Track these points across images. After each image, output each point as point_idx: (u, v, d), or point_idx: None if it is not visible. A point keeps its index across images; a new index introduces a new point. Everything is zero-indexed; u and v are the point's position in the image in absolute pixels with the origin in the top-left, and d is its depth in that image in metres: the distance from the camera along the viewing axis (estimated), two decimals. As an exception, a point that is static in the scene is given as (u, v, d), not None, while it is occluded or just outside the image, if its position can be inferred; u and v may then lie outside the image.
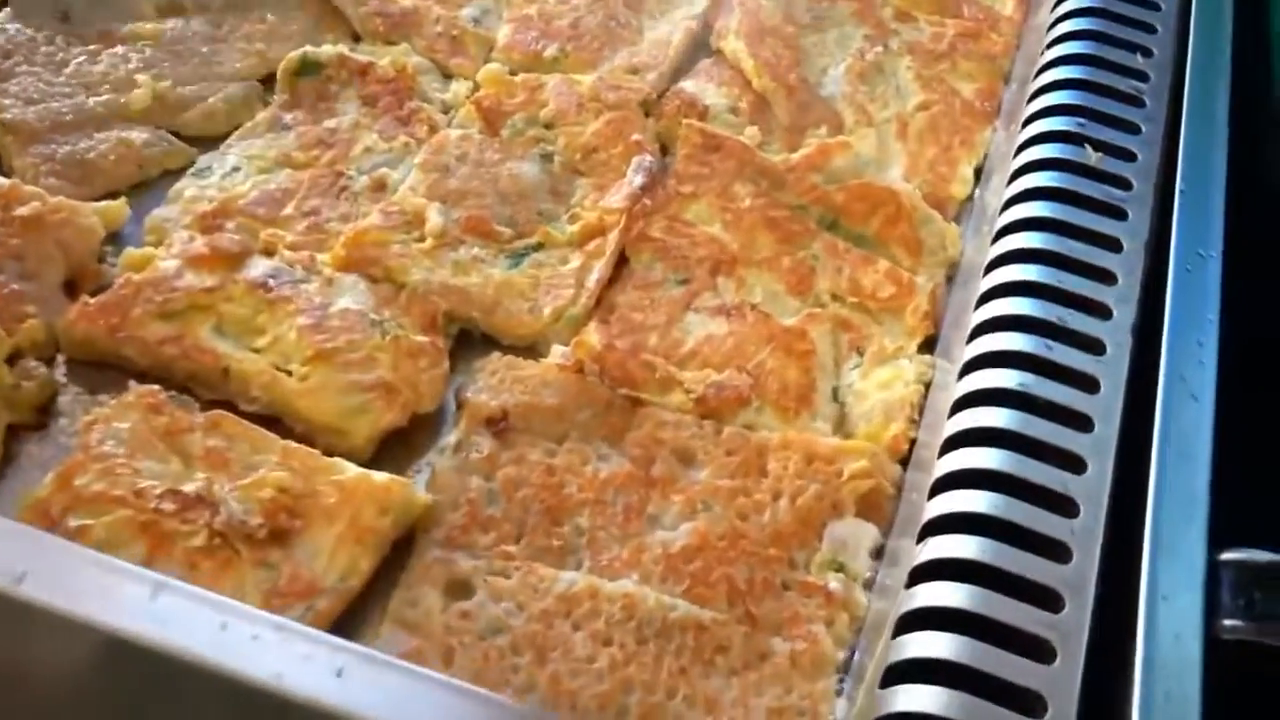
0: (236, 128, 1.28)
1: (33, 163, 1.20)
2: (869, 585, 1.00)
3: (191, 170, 1.24)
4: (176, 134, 1.27)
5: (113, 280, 1.13)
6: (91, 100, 1.24)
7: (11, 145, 1.21)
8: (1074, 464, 0.94)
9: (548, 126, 1.32)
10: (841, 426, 1.13)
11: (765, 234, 1.26)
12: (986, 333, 1.05)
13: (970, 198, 1.34)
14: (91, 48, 1.28)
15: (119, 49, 1.29)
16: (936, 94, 1.43)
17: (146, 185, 1.24)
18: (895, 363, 1.16)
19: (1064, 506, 0.92)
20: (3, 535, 0.78)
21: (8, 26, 1.29)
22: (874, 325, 1.21)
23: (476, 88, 1.36)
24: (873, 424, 1.11)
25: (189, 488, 0.98)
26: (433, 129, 1.29)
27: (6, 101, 1.23)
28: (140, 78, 1.26)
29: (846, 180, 1.31)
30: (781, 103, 1.38)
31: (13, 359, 1.07)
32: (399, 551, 1.00)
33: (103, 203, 1.18)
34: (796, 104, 1.39)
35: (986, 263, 1.12)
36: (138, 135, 1.24)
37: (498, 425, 1.08)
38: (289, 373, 1.06)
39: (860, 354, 1.18)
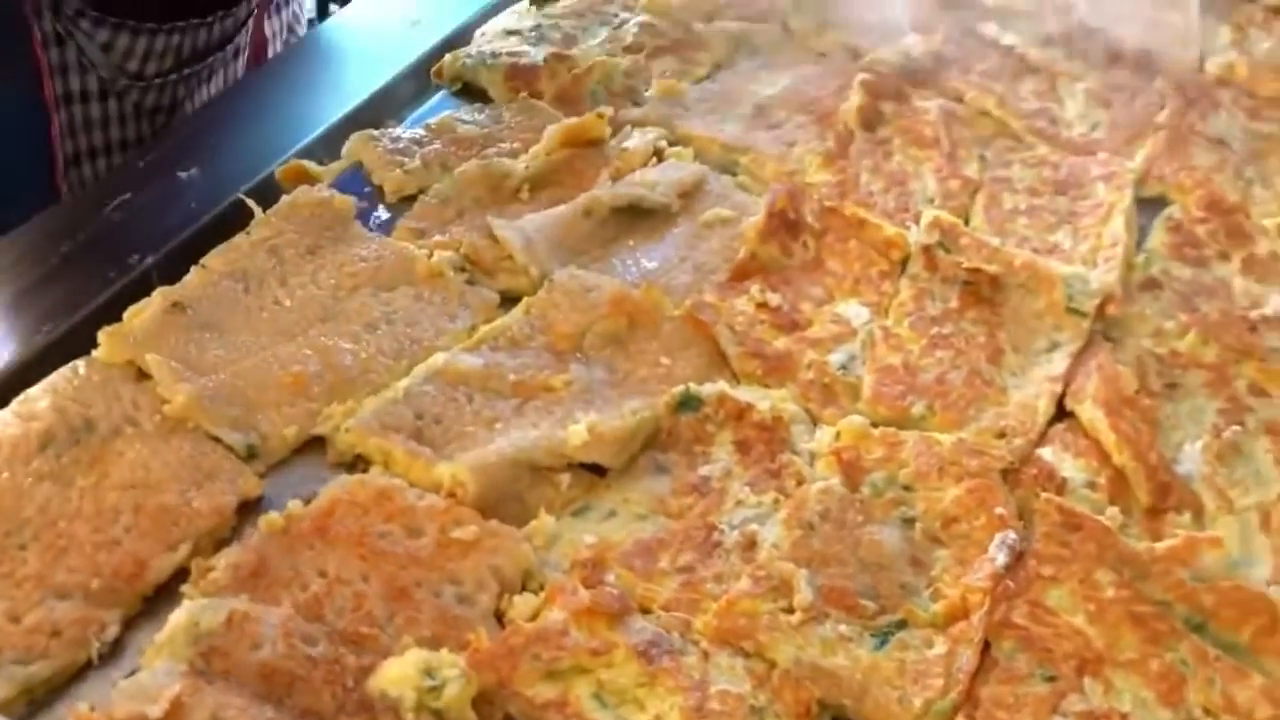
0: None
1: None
2: None
3: (572, 510, 1.26)
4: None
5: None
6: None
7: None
8: None
9: (907, 488, 1.31)
10: None
11: (1131, 631, 1.22)
12: None
13: (1346, 610, 1.28)
14: (513, 401, 1.32)
15: (537, 401, 1.33)
16: (1299, 481, 1.39)
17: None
18: (1281, 801, 1.10)
19: None
20: None
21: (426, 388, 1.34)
22: (1253, 749, 1.15)
23: (839, 436, 1.36)
24: None
25: None
26: (800, 483, 1.29)
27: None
28: (578, 415, 1.30)
29: (1215, 579, 1.26)
30: (1142, 483, 1.35)
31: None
32: None
33: (530, 525, 1.22)
34: (1157, 484, 1.35)
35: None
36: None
37: (863, 825, 1.05)
38: (669, 756, 1.06)
39: (1242, 783, 1.12)
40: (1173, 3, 2.09)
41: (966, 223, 1.64)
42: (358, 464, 1.28)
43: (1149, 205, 1.72)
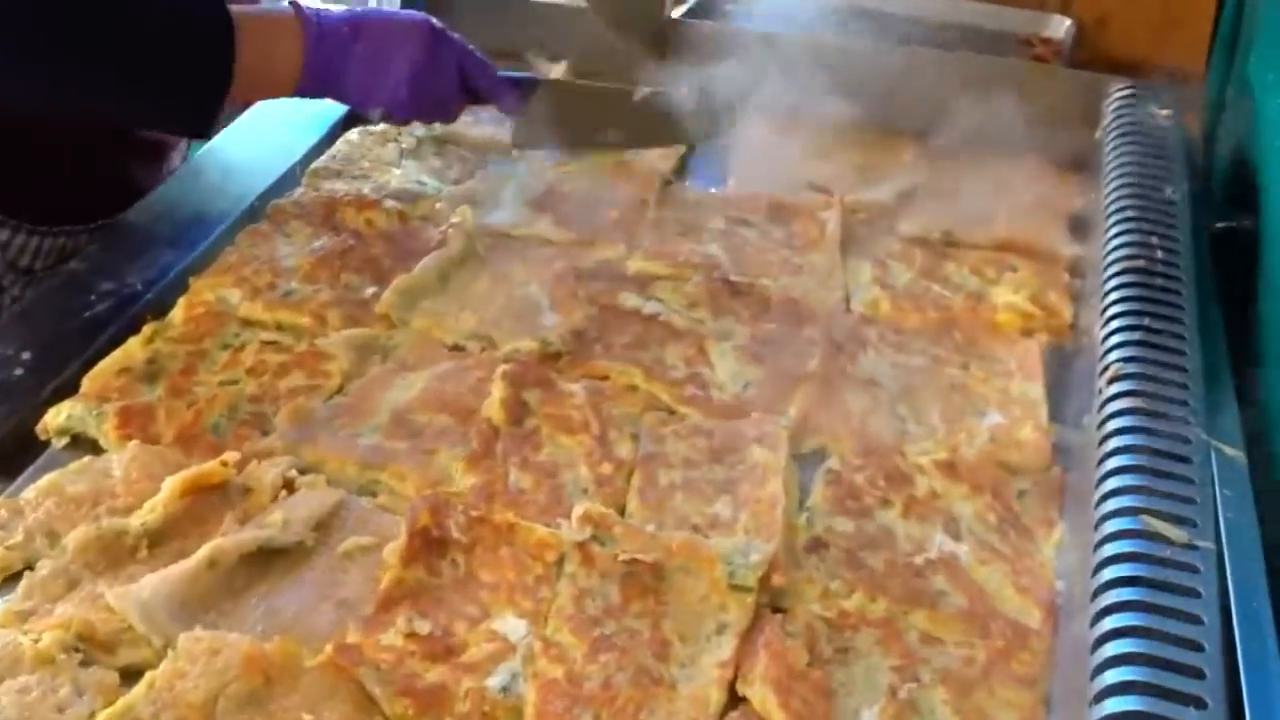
0: None
1: None
2: None
3: None
4: None
5: None
6: None
7: None
8: None
9: (579, 817, 1.23)
10: None
11: None
12: None
13: None
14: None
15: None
16: (980, 729, 1.36)
17: None
18: None
19: None
20: None
21: None
22: None
23: (508, 770, 1.26)
24: None
25: None
26: (462, 840, 1.19)
27: None
28: None
29: None
30: (820, 764, 1.30)
31: None
32: None
33: None
34: (836, 765, 1.31)
35: None
36: None
37: None
38: None
39: None
40: (815, 245, 2.16)
41: (623, 509, 1.60)
42: None
43: (809, 460, 1.71)
